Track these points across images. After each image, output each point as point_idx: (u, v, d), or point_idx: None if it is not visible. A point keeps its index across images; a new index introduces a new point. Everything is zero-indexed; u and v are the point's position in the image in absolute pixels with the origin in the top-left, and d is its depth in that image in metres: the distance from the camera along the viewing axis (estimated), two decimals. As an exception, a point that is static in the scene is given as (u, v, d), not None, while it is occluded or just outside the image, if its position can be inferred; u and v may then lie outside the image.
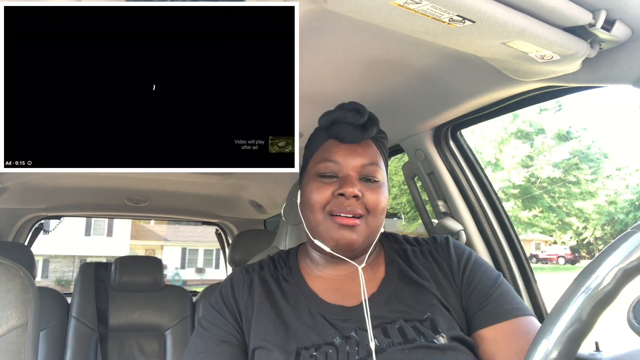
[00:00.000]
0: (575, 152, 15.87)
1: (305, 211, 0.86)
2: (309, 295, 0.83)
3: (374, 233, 0.83)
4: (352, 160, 0.82)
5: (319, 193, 0.81)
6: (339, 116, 0.84)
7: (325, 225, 0.81)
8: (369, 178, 0.83)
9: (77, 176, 2.15)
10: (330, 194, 0.81)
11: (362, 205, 0.81)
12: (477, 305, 0.81)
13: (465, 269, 0.85)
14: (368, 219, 0.81)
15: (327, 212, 0.81)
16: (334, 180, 0.82)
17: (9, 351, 0.82)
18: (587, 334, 0.47)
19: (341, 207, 0.80)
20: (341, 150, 0.83)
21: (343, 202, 0.80)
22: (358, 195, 0.79)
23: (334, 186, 0.81)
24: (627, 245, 0.46)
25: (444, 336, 0.75)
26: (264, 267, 0.89)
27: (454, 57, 1.00)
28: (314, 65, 1.06)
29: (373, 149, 0.85)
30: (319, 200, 0.81)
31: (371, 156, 0.84)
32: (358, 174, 0.82)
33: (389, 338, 0.75)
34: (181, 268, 20.61)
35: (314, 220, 0.82)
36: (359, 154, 0.83)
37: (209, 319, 0.83)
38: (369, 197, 0.81)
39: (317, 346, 0.75)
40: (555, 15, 0.74)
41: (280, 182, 2.21)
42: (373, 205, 0.81)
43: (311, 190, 0.83)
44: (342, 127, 0.83)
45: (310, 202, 0.82)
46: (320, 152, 0.85)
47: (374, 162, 0.83)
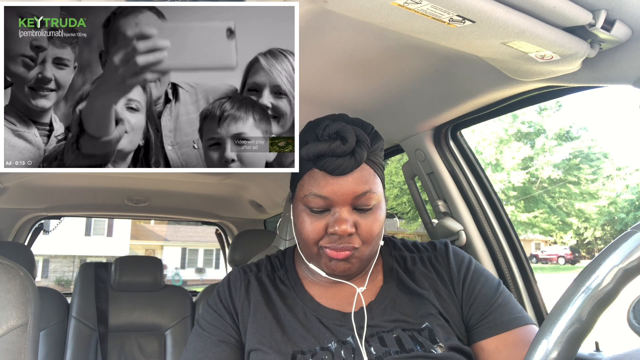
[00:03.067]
0: (575, 153, 15.87)
1: (297, 236, 0.82)
2: (306, 298, 0.82)
3: (372, 255, 0.81)
4: (343, 194, 0.75)
5: (312, 229, 0.77)
6: (323, 149, 0.74)
7: (319, 257, 0.79)
8: (362, 207, 0.77)
9: (77, 176, 2.15)
10: (322, 229, 0.77)
11: (357, 238, 0.77)
12: (479, 315, 0.80)
13: (465, 278, 0.83)
14: (362, 248, 0.78)
15: (321, 246, 0.78)
16: (325, 215, 0.77)
17: (9, 351, 0.82)
18: (587, 334, 0.47)
19: (334, 244, 0.76)
20: (329, 184, 0.75)
21: (336, 239, 0.76)
22: (352, 232, 0.76)
23: (326, 220, 0.77)
24: (627, 245, 0.46)
25: (442, 346, 0.74)
26: (261, 268, 0.88)
27: (454, 57, 1.00)
28: (314, 65, 1.06)
29: (366, 172, 0.77)
30: (312, 237, 0.77)
31: (365, 182, 0.76)
32: (350, 206, 0.76)
33: (386, 347, 0.74)
34: (181, 268, 20.60)
35: (308, 250, 0.80)
36: (350, 184, 0.75)
37: (207, 319, 0.83)
38: (363, 227, 0.76)
39: (313, 352, 0.74)
40: (555, 15, 0.74)
41: (280, 182, 2.21)
42: (367, 235, 0.77)
43: (303, 222, 0.78)
44: (329, 161, 0.75)
45: (303, 235, 0.79)
46: (307, 181, 0.78)
47: (368, 190, 0.76)
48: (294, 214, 0.82)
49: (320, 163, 0.76)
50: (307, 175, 0.78)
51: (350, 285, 0.83)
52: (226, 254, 3.29)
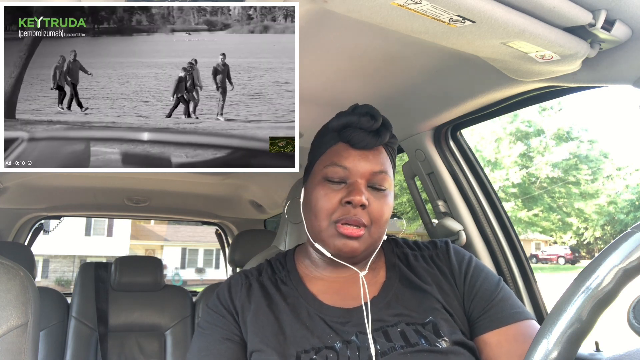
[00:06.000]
0: (575, 153, 15.87)
1: (308, 214, 0.84)
2: (308, 298, 0.82)
3: (377, 241, 0.82)
4: (362, 167, 0.80)
5: (326, 200, 0.79)
6: (353, 120, 0.81)
7: (328, 232, 0.80)
8: (377, 186, 0.81)
9: (77, 176, 2.15)
10: (337, 202, 0.79)
11: (367, 215, 0.79)
12: (480, 309, 0.80)
13: (467, 274, 0.84)
14: (371, 229, 0.80)
15: (333, 220, 0.79)
16: (341, 187, 0.80)
17: (9, 351, 0.82)
18: (587, 334, 0.47)
19: (347, 215, 0.78)
20: (351, 155, 0.81)
21: (349, 210, 0.78)
22: (365, 204, 0.78)
23: (341, 193, 0.79)
24: (627, 245, 0.46)
25: (447, 340, 0.75)
26: (262, 272, 0.88)
27: (454, 57, 1.00)
28: (314, 65, 1.06)
29: (384, 155, 0.83)
30: (326, 208, 0.79)
31: (381, 163, 0.82)
32: (366, 181, 0.80)
33: (391, 342, 0.74)
34: (181, 268, 20.60)
35: (318, 226, 0.81)
36: (369, 161, 0.81)
37: (208, 320, 0.83)
38: (375, 207, 0.79)
39: (317, 349, 0.74)
40: (555, 15, 0.74)
41: (280, 182, 2.21)
42: (377, 215, 0.80)
43: (318, 195, 0.81)
44: (354, 132, 0.81)
45: (317, 208, 0.80)
46: (328, 154, 0.83)
47: (384, 170, 0.81)
48: (308, 192, 0.84)
49: (346, 134, 0.81)
50: (329, 150, 0.83)
51: (354, 280, 0.83)
52: (226, 254, 3.29)
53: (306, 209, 0.85)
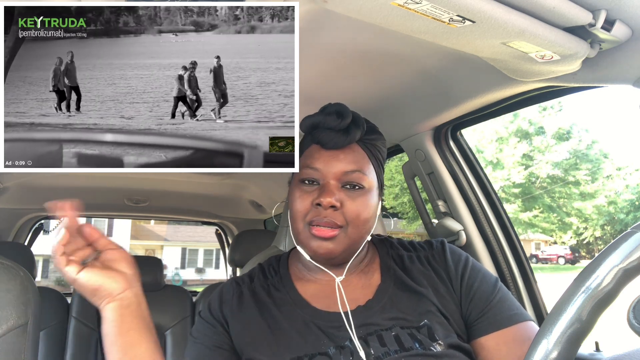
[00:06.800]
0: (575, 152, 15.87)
1: (290, 216, 0.84)
2: (301, 304, 0.82)
3: (356, 243, 0.81)
4: (333, 167, 0.79)
5: (300, 202, 0.79)
6: (319, 120, 0.81)
7: (304, 234, 0.79)
8: (353, 185, 0.79)
9: (77, 176, 2.15)
10: (309, 203, 0.79)
11: (341, 216, 0.78)
12: (478, 312, 0.80)
13: (463, 275, 0.83)
14: (348, 229, 0.78)
15: (307, 222, 0.79)
16: (314, 188, 0.80)
17: (9, 351, 0.82)
18: (587, 334, 0.47)
19: (319, 217, 0.77)
20: (322, 156, 0.80)
21: (320, 212, 0.77)
22: (336, 206, 0.77)
23: (313, 195, 0.79)
24: (627, 245, 0.46)
25: (441, 344, 0.74)
26: (254, 278, 0.88)
27: (454, 57, 1.00)
28: (314, 65, 1.06)
29: (358, 153, 0.81)
30: (300, 210, 0.79)
31: (355, 162, 0.80)
32: (339, 182, 0.79)
33: (385, 346, 0.74)
34: (181, 268, 20.59)
35: (295, 228, 0.81)
36: (340, 160, 0.79)
37: (199, 329, 0.83)
38: (349, 207, 0.78)
39: (310, 356, 0.74)
40: (555, 15, 0.74)
41: (280, 182, 2.20)
42: (353, 216, 0.78)
43: (294, 198, 0.81)
44: (323, 132, 0.80)
45: (293, 210, 0.81)
46: (304, 157, 0.82)
47: (358, 169, 0.79)
48: (289, 195, 0.84)
49: (316, 134, 0.81)
50: (305, 152, 0.83)
51: (347, 283, 0.83)
52: (226, 254, 3.29)
53: (289, 210, 0.85)
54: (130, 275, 0.73)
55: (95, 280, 0.68)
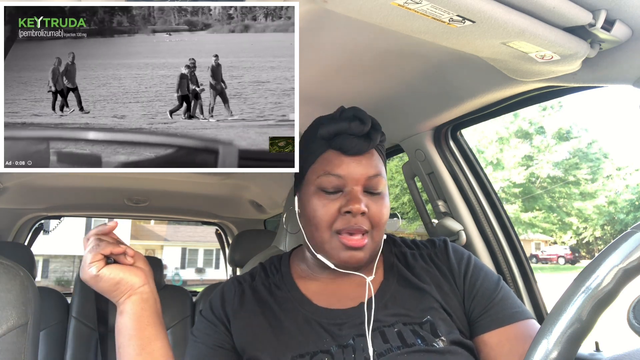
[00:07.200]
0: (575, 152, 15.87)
1: (307, 225, 0.82)
2: (303, 302, 0.82)
3: (379, 245, 0.82)
4: (357, 173, 0.78)
5: (325, 211, 0.78)
6: (343, 127, 0.79)
7: (331, 244, 0.78)
8: (373, 190, 0.80)
9: (77, 176, 2.15)
10: (336, 211, 0.78)
11: (367, 221, 0.78)
12: (481, 309, 0.80)
13: (466, 273, 0.84)
14: (373, 233, 0.79)
15: (335, 230, 0.78)
16: (338, 196, 0.78)
17: (9, 351, 0.82)
18: (587, 334, 0.47)
19: (348, 225, 0.77)
20: (344, 162, 0.78)
21: (350, 219, 0.77)
22: (365, 212, 0.77)
23: (339, 202, 0.78)
24: (627, 245, 0.46)
25: (444, 340, 0.74)
26: (255, 276, 0.88)
27: (454, 57, 1.00)
28: (314, 65, 1.06)
29: (376, 157, 0.81)
30: (326, 219, 0.78)
31: (375, 166, 0.80)
32: (362, 187, 0.79)
33: (388, 343, 0.74)
34: (181, 268, 20.59)
35: (319, 237, 0.79)
36: (363, 166, 0.79)
37: (200, 329, 0.83)
38: (374, 211, 0.78)
39: (312, 354, 0.74)
40: (555, 15, 0.74)
41: (280, 182, 2.21)
42: (377, 219, 0.79)
43: (315, 206, 0.79)
44: (346, 139, 0.78)
45: (316, 220, 0.79)
46: (320, 163, 0.80)
47: (378, 173, 0.80)
48: (303, 202, 0.83)
49: (337, 141, 0.79)
50: (320, 157, 0.81)
51: (351, 280, 0.83)
52: (226, 254, 3.29)
53: (304, 220, 0.83)
54: (147, 270, 0.76)
55: (117, 274, 0.72)
